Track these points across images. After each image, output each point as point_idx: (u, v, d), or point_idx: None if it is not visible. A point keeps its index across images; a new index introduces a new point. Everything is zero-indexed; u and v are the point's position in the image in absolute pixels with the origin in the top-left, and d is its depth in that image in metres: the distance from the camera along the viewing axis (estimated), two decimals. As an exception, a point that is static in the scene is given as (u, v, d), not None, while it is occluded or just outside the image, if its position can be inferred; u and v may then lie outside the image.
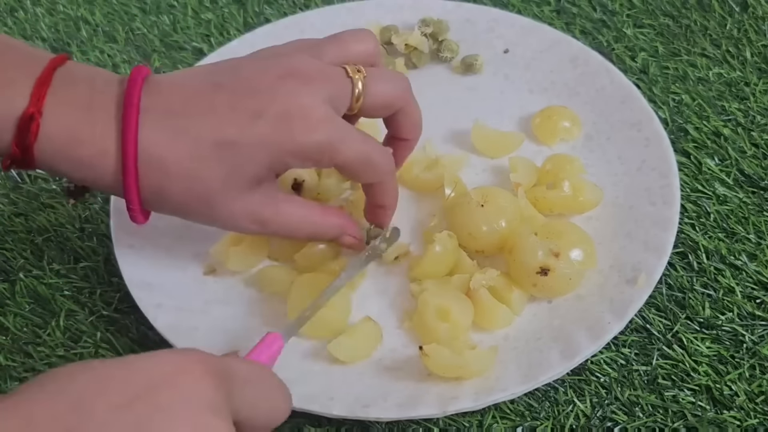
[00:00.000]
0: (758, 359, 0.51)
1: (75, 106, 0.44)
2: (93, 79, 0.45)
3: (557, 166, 0.57)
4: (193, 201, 0.46)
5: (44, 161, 0.44)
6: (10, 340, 0.54)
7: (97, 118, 0.44)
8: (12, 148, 0.43)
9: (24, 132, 0.43)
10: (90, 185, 0.46)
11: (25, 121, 0.42)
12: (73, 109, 0.44)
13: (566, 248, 0.52)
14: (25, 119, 0.42)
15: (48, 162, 0.44)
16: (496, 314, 0.51)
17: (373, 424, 0.49)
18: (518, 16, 0.67)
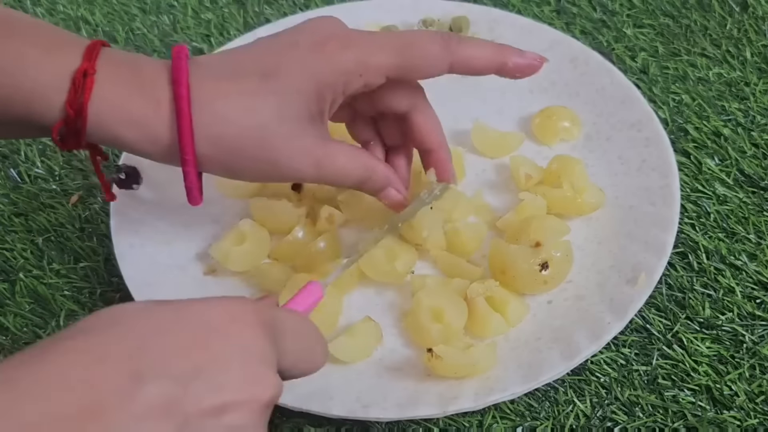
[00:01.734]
0: (758, 359, 0.51)
1: (125, 67, 0.44)
2: (135, 54, 0.47)
3: (562, 166, 0.57)
4: (250, 142, 0.45)
5: (96, 123, 0.44)
6: (10, 340, 0.54)
7: (147, 77, 0.44)
8: (66, 109, 0.43)
9: (78, 89, 0.43)
10: (143, 147, 0.45)
11: (80, 77, 0.43)
12: (123, 70, 0.44)
13: (539, 234, 0.52)
14: (80, 75, 0.43)
15: (100, 124, 0.44)
16: (490, 323, 0.51)
17: (373, 424, 0.49)
18: (518, 16, 0.67)
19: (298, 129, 0.46)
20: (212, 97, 0.45)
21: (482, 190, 0.59)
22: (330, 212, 0.55)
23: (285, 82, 0.45)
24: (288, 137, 0.46)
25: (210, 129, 0.45)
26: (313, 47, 0.46)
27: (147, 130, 0.44)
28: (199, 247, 0.57)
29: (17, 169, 0.63)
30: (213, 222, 0.58)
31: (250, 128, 0.45)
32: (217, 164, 0.46)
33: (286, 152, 0.46)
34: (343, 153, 0.48)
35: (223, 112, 0.45)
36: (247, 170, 0.47)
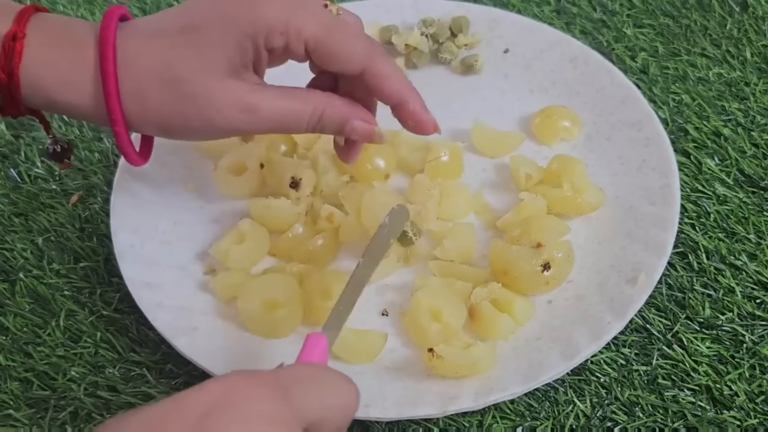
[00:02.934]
0: (758, 359, 0.51)
1: (56, 30, 0.45)
2: (69, 18, 0.47)
3: (563, 166, 0.57)
4: (174, 98, 0.44)
5: (29, 87, 0.44)
6: (10, 340, 0.54)
7: (77, 39, 0.45)
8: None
9: (8, 53, 0.43)
10: (74, 108, 0.45)
11: (9, 42, 0.43)
12: (54, 32, 0.45)
13: (540, 234, 0.52)
14: (8, 39, 0.43)
15: (32, 86, 0.44)
16: (498, 324, 0.51)
17: (373, 424, 0.49)
18: (518, 16, 0.67)
19: (221, 81, 0.45)
20: (136, 54, 0.44)
21: (482, 190, 0.59)
22: (330, 211, 0.55)
23: (204, 34, 0.44)
24: (212, 91, 0.44)
25: (135, 86, 0.44)
26: (239, 2, 0.45)
27: (77, 91, 0.44)
28: (199, 247, 0.57)
29: (17, 169, 0.63)
30: (213, 222, 0.58)
31: (170, 82, 0.44)
32: (147, 123, 0.46)
33: (214, 106, 0.45)
34: (287, 94, 0.46)
35: (146, 68, 0.44)
36: (178, 127, 0.46)
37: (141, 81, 0.44)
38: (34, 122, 0.66)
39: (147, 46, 0.45)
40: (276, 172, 0.57)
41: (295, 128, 0.47)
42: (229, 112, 0.45)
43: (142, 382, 0.52)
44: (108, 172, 0.62)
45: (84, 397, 0.51)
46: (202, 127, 0.45)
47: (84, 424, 0.50)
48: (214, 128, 0.45)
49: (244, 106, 0.45)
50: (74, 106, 0.45)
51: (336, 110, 0.47)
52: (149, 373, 0.52)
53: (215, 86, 0.44)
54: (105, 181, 0.62)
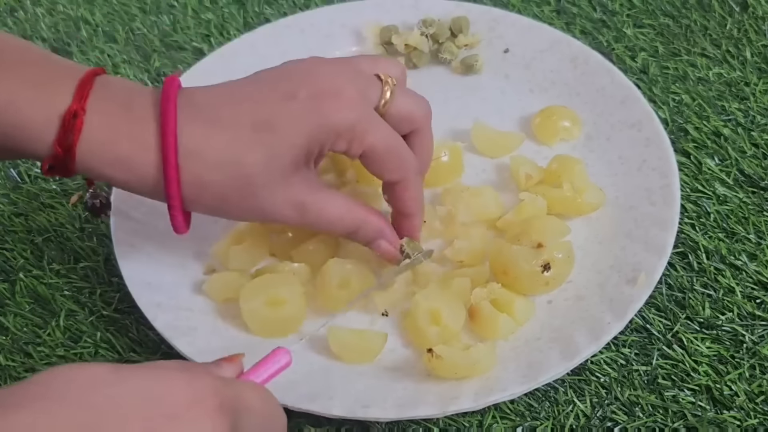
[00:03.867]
0: (758, 359, 0.51)
1: (116, 106, 0.44)
2: (130, 85, 0.46)
3: (563, 166, 0.57)
4: (234, 191, 0.45)
5: (85, 162, 0.44)
6: (10, 340, 0.54)
7: (137, 116, 0.44)
8: (54, 148, 0.43)
9: (68, 130, 0.43)
10: (130, 187, 0.46)
11: (69, 118, 0.43)
12: (114, 109, 0.44)
13: (540, 235, 0.52)
14: (69, 116, 0.43)
15: (88, 163, 0.44)
16: (498, 324, 0.51)
17: (373, 424, 0.49)
18: (518, 16, 0.67)
19: (284, 179, 0.46)
20: (201, 144, 0.44)
21: (482, 190, 0.59)
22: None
23: (277, 136, 0.45)
24: (273, 185, 0.46)
25: (197, 176, 0.45)
26: (310, 101, 0.45)
27: (134, 172, 0.45)
28: (199, 247, 0.56)
29: (17, 169, 0.63)
30: (213, 222, 0.58)
31: (237, 178, 0.45)
32: (202, 207, 0.47)
33: (271, 200, 0.46)
34: (333, 202, 0.49)
35: (211, 161, 0.45)
36: (232, 213, 0.48)
37: (204, 173, 0.45)
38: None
39: (213, 138, 0.45)
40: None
41: (333, 233, 0.52)
42: (283, 209, 0.47)
43: (142, 382, 0.52)
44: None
45: (84, 397, 0.51)
46: (254, 216, 0.48)
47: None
48: (263, 218, 0.48)
49: (296, 206, 0.47)
50: (130, 185, 0.45)
51: (370, 228, 0.50)
52: (149, 373, 0.52)
53: (277, 185, 0.46)
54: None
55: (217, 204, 0.46)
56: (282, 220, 0.48)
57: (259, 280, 0.52)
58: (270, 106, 0.45)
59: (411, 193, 0.51)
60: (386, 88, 0.48)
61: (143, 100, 0.45)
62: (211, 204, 0.46)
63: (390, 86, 0.48)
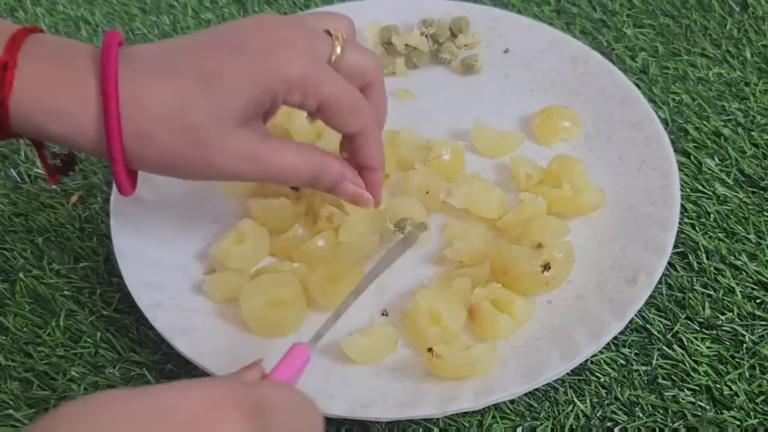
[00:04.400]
0: (758, 359, 0.51)
1: (50, 57, 0.43)
2: (67, 42, 0.45)
3: (563, 166, 0.57)
4: (181, 142, 0.44)
5: (20, 117, 0.42)
6: (10, 340, 0.54)
7: (75, 70, 0.43)
8: None
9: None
10: (70, 141, 0.44)
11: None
12: (48, 60, 0.43)
13: (540, 234, 0.52)
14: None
15: (24, 117, 0.42)
16: (498, 324, 0.51)
17: (373, 424, 0.49)
18: (518, 16, 0.67)
19: (233, 129, 0.44)
20: (144, 94, 0.43)
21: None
22: (330, 211, 0.55)
23: (225, 86, 0.44)
24: (222, 136, 0.44)
25: (140, 128, 0.43)
26: (260, 51, 0.44)
27: (73, 126, 0.43)
28: (199, 247, 0.57)
29: (17, 169, 0.63)
30: (213, 222, 0.58)
31: (183, 128, 0.43)
32: (147, 162, 0.45)
33: (221, 151, 0.44)
34: (289, 149, 0.47)
35: (155, 111, 0.43)
36: (180, 168, 0.45)
37: (147, 123, 0.43)
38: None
39: (157, 87, 0.43)
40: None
41: (292, 182, 0.49)
42: (235, 161, 0.45)
43: (142, 382, 0.52)
44: (108, 172, 0.62)
45: (84, 397, 0.51)
46: (205, 172, 0.46)
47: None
48: (217, 174, 0.46)
49: (249, 156, 0.45)
50: (69, 139, 0.43)
51: (331, 172, 0.48)
52: (149, 373, 0.52)
53: (226, 135, 0.44)
54: (105, 181, 0.62)
55: (164, 159, 0.44)
56: (236, 174, 0.46)
57: (259, 280, 0.52)
58: (217, 58, 0.44)
59: (372, 144, 0.49)
60: (336, 43, 0.47)
61: (82, 53, 0.44)
62: (158, 159, 0.44)
63: (340, 41, 0.47)
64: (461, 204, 0.55)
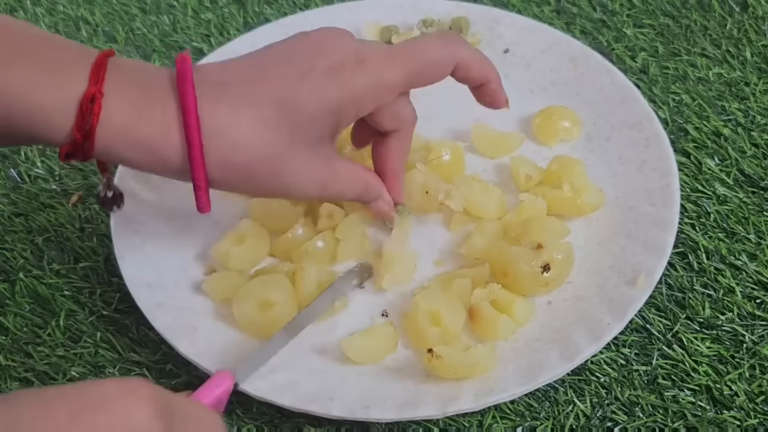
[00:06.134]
0: (758, 359, 0.51)
1: (132, 87, 0.44)
2: (143, 66, 0.46)
3: (562, 166, 0.57)
4: (260, 168, 0.46)
5: (104, 147, 0.43)
6: (10, 340, 0.54)
7: (156, 98, 0.44)
8: (73, 133, 0.42)
9: (86, 114, 0.42)
10: (153, 169, 0.45)
11: (87, 103, 0.42)
12: (131, 91, 0.43)
13: (540, 235, 0.52)
14: (87, 100, 0.42)
15: (108, 147, 0.43)
16: (498, 325, 0.51)
17: (373, 425, 0.49)
18: (518, 16, 0.67)
19: (309, 154, 0.47)
20: (224, 123, 0.44)
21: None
22: (330, 210, 0.55)
23: (300, 112, 0.45)
24: (299, 163, 0.46)
25: (222, 156, 0.45)
26: (328, 73, 0.46)
27: (156, 154, 0.44)
28: (199, 247, 0.57)
29: (17, 169, 0.63)
30: (213, 222, 0.58)
31: (263, 157, 0.45)
32: (227, 186, 0.47)
33: (296, 177, 0.47)
34: (345, 172, 0.50)
35: (237, 141, 0.44)
36: (257, 191, 0.48)
37: (230, 154, 0.45)
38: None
39: (236, 117, 0.44)
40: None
41: (342, 200, 0.54)
42: (308, 186, 0.48)
43: (142, 382, 0.52)
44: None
45: (84, 398, 0.51)
46: (279, 193, 0.49)
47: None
48: (291, 196, 0.50)
49: (321, 181, 0.48)
50: (152, 167, 0.45)
51: (372, 190, 0.52)
52: (149, 373, 0.52)
53: (305, 161, 0.47)
54: (105, 181, 0.62)
55: (242, 183, 0.46)
56: (306, 196, 0.49)
57: (251, 283, 0.53)
58: (288, 83, 0.45)
59: (405, 144, 0.52)
60: None
61: (159, 80, 0.44)
62: (237, 183, 0.46)
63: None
64: (458, 206, 0.55)
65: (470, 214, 0.56)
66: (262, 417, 0.50)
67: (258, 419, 0.50)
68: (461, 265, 0.55)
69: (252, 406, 0.50)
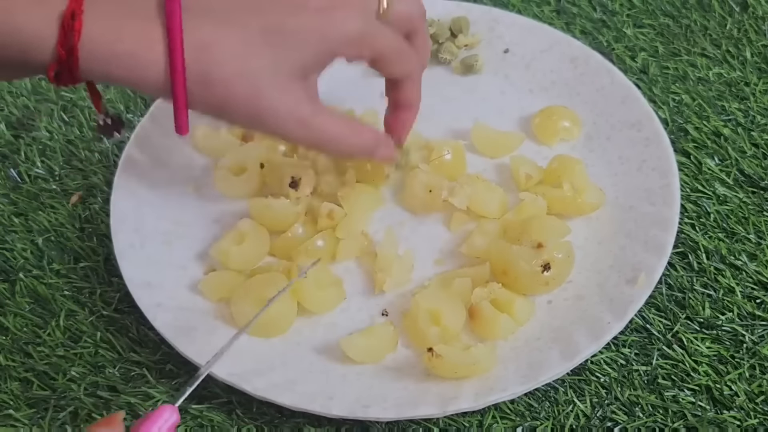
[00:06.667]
0: (758, 359, 0.51)
1: (115, 4, 0.44)
2: None
3: (563, 166, 0.57)
4: (239, 90, 0.45)
5: (88, 63, 0.44)
6: (10, 340, 0.54)
7: (139, 14, 0.44)
8: (57, 51, 0.43)
9: (68, 31, 0.42)
10: (134, 84, 0.45)
11: (68, 19, 0.42)
12: (114, 7, 0.44)
13: (540, 234, 0.52)
14: (68, 17, 0.42)
15: (92, 63, 0.44)
16: (498, 324, 0.51)
17: (373, 424, 0.49)
18: (518, 16, 0.67)
19: (291, 84, 0.46)
20: (209, 40, 0.44)
21: (482, 190, 0.59)
22: (330, 209, 0.55)
23: (287, 39, 0.46)
24: (278, 90, 0.46)
25: (203, 72, 0.45)
26: (321, 12, 0.46)
27: (138, 69, 0.44)
28: (199, 247, 0.57)
29: (17, 169, 0.63)
30: (213, 222, 0.58)
31: (243, 76, 0.45)
32: (205, 104, 0.46)
33: (274, 103, 0.46)
34: (335, 118, 0.49)
35: (219, 57, 0.45)
36: (233, 115, 0.47)
37: (210, 68, 0.45)
38: (33, 122, 0.66)
39: (221, 36, 0.45)
40: (276, 173, 0.57)
41: (333, 152, 0.52)
42: (284, 119, 0.47)
43: (142, 382, 0.52)
44: (108, 172, 0.62)
45: (84, 397, 0.51)
46: (254, 122, 0.47)
47: (84, 424, 0.50)
48: (264, 126, 0.48)
49: (300, 118, 0.47)
50: (134, 81, 0.45)
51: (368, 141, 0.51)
52: (149, 373, 0.52)
53: (281, 87, 0.46)
54: (105, 181, 0.62)
55: (221, 103, 0.46)
56: (283, 131, 0.48)
57: (249, 282, 0.53)
58: (280, 15, 0.46)
59: (414, 86, 0.52)
60: None
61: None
62: (215, 103, 0.46)
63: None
64: (462, 204, 0.55)
65: (472, 213, 0.56)
66: (262, 417, 0.50)
67: (258, 419, 0.50)
68: (461, 264, 0.55)
69: (252, 406, 0.50)
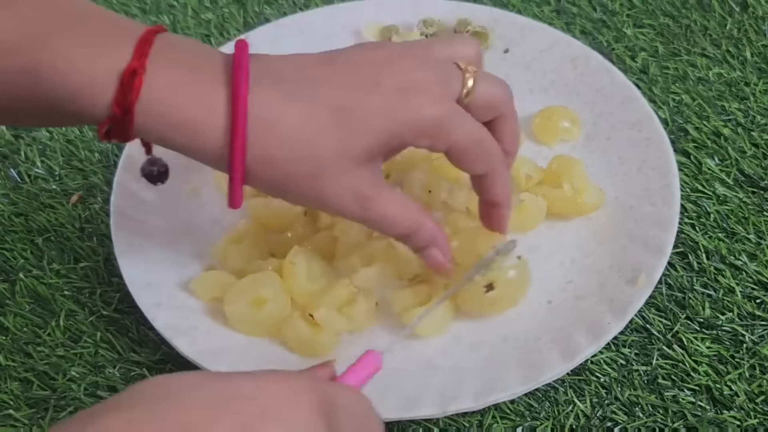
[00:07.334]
0: (758, 359, 0.51)
1: (179, 65, 0.42)
2: (196, 45, 0.44)
3: (563, 166, 0.57)
4: (301, 171, 0.43)
5: (144, 124, 0.41)
6: (10, 340, 0.54)
7: (203, 78, 0.42)
8: (112, 107, 0.40)
9: (126, 88, 0.40)
10: (191, 152, 0.43)
11: (128, 77, 0.40)
12: (176, 68, 0.41)
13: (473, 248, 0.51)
14: (128, 74, 0.40)
15: (147, 125, 0.41)
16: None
17: (373, 424, 0.49)
18: (518, 16, 0.67)
19: (353, 169, 0.44)
20: (274, 116, 0.42)
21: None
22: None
23: (357, 121, 0.43)
24: (341, 173, 0.43)
25: (263, 149, 0.42)
26: (395, 94, 0.43)
27: (197, 138, 0.42)
28: (199, 247, 0.57)
29: (17, 169, 0.63)
30: (213, 222, 0.58)
31: (306, 159, 0.43)
32: (263, 182, 0.44)
33: (336, 186, 0.44)
34: (394, 201, 0.46)
35: (283, 135, 0.42)
36: (292, 195, 0.45)
37: (273, 149, 0.42)
38: (34, 122, 0.66)
39: (287, 112, 0.42)
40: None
41: (387, 233, 0.47)
42: (346, 199, 0.44)
43: (142, 382, 0.52)
44: (108, 172, 0.62)
45: (84, 397, 0.51)
46: (311, 201, 0.45)
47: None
48: (322, 205, 0.45)
49: (360, 199, 0.44)
50: (191, 151, 0.43)
51: (424, 234, 0.47)
52: (149, 373, 0.52)
53: (347, 173, 0.44)
54: (105, 181, 0.62)
55: (280, 182, 0.43)
56: (341, 211, 0.45)
57: (241, 281, 0.52)
58: (350, 93, 0.43)
59: (498, 183, 0.48)
60: (467, 77, 0.45)
61: (211, 62, 0.42)
62: (273, 182, 0.43)
63: (471, 74, 0.46)
64: (461, 205, 0.55)
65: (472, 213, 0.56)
66: (262, 417, 0.50)
67: (258, 419, 0.50)
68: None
69: (252, 405, 0.50)
